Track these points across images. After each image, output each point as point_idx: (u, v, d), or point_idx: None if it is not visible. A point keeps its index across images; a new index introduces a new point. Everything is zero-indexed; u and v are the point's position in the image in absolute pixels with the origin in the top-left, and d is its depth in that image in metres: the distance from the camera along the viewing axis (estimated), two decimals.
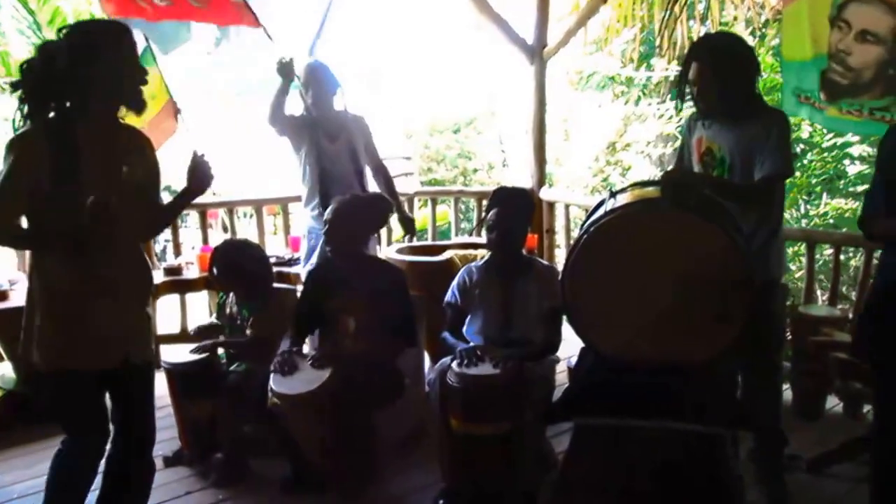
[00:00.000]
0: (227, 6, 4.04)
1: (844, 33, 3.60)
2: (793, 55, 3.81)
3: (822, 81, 3.75)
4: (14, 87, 2.21)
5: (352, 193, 3.43)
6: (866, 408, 3.90)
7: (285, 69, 3.73)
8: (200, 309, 5.06)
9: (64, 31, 2.23)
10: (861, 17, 3.56)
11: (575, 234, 3.37)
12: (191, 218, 5.95)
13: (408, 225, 4.08)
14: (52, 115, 2.22)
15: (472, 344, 3.11)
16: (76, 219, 2.09)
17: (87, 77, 2.17)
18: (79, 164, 2.16)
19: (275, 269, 3.98)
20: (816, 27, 3.71)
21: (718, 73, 2.83)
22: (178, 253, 5.06)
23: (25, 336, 2.30)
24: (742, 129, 2.85)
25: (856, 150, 7.23)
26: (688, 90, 2.95)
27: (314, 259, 3.83)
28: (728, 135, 2.91)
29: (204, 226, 5.17)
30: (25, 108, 2.19)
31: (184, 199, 2.51)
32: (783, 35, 4.09)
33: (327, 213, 3.23)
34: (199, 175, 2.40)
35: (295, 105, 3.90)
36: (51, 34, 7.58)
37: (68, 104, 2.23)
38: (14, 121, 2.20)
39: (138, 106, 2.29)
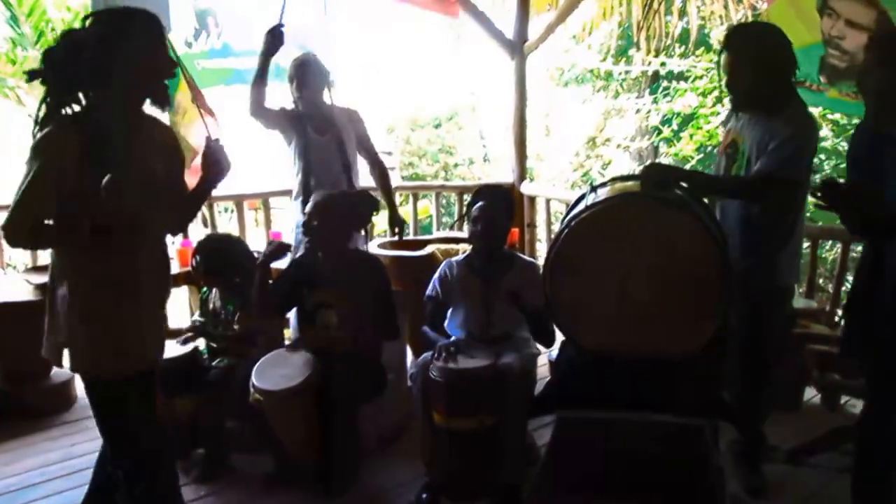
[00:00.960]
0: None
1: (835, 20, 3.65)
2: None
3: (822, 65, 3.80)
4: (31, 76, 2.10)
5: (339, 190, 3.40)
6: (844, 399, 3.95)
7: (276, 40, 3.58)
8: (180, 304, 5.03)
9: (89, 18, 2.13)
10: (845, 9, 3.62)
11: (556, 228, 3.39)
12: None
13: (397, 226, 4.00)
14: (77, 108, 2.11)
15: (452, 338, 3.12)
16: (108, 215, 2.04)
17: (114, 68, 2.07)
18: (111, 159, 2.05)
19: None
20: (806, 17, 3.75)
21: (747, 65, 2.75)
22: None
23: (50, 334, 2.22)
24: (767, 124, 2.75)
25: (829, 145, 7.31)
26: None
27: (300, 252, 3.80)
28: (753, 129, 2.82)
29: None
30: (49, 101, 2.08)
31: (202, 188, 2.34)
32: (770, 15, 4.13)
33: (308, 208, 3.22)
34: (216, 162, 2.29)
35: (281, 99, 3.88)
36: (28, 29, 7.50)
37: (91, 96, 2.13)
38: (38, 114, 2.09)
39: (164, 101, 2.20)
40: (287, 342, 3.58)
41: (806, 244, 4.84)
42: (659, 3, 5.82)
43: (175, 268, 4.50)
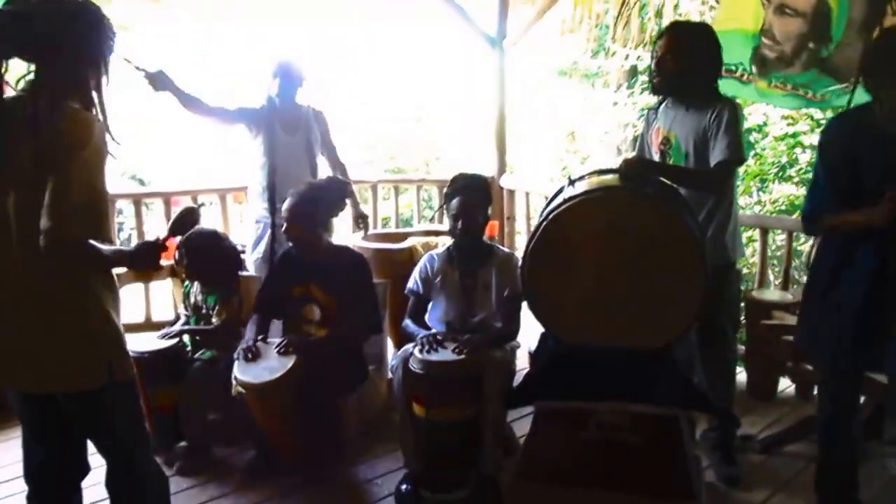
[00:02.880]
0: None
1: (765, 8, 3.68)
2: (724, 26, 3.81)
3: (754, 55, 3.85)
4: None
5: (307, 182, 3.41)
6: (816, 389, 4.02)
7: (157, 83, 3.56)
8: (164, 297, 5.02)
9: None
10: None
11: (535, 221, 3.42)
12: (155, 205, 5.85)
13: (360, 220, 4.13)
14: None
15: (433, 331, 3.15)
16: None
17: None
18: None
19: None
20: (750, 3, 3.79)
21: (679, 51, 2.90)
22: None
23: None
24: (696, 117, 2.92)
25: (807, 140, 7.40)
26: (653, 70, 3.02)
27: (261, 248, 3.87)
28: (683, 123, 2.98)
29: (169, 213, 5.11)
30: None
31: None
32: (720, 7, 4.15)
33: (284, 208, 3.22)
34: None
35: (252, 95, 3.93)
36: None
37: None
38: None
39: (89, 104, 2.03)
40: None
41: (781, 236, 4.94)
42: (634, 2, 5.87)
43: (160, 261, 4.50)
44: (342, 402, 3.20)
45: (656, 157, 3.14)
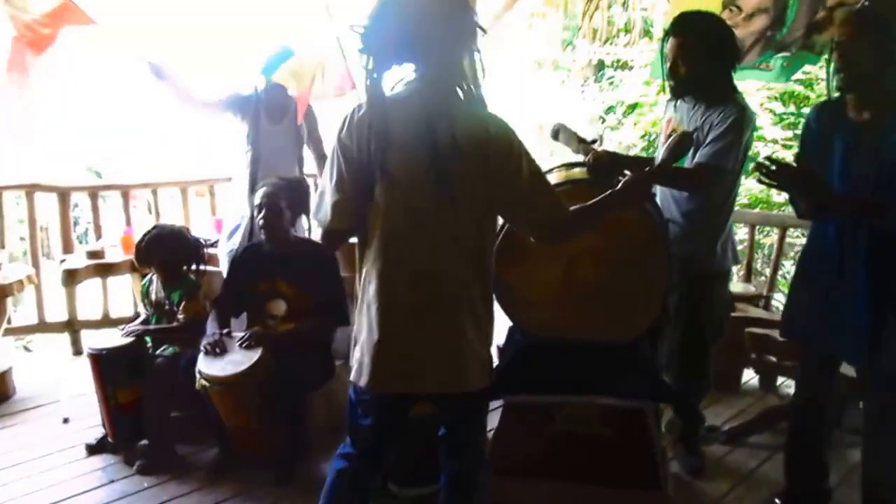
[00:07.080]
0: None
1: (735, 15, 3.69)
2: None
3: None
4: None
5: (278, 176, 3.37)
6: (780, 380, 4.08)
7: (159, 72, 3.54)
8: (123, 293, 4.93)
9: None
10: (750, 1, 3.68)
11: None
12: (112, 199, 5.70)
13: None
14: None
15: None
16: None
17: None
18: None
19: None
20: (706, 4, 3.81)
21: (691, 58, 2.79)
22: (99, 235, 4.90)
23: None
24: (706, 114, 2.81)
25: (769, 133, 7.48)
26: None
27: (236, 239, 3.73)
28: (692, 118, 2.87)
29: (127, 207, 5.02)
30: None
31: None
32: (671, 5, 4.13)
33: (259, 199, 3.17)
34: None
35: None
36: None
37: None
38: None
39: None
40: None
41: (744, 230, 4.99)
42: None
43: (119, 255, 4.43)
44: (308, 398, 3.17)
45: (662, 147, 3.02)
